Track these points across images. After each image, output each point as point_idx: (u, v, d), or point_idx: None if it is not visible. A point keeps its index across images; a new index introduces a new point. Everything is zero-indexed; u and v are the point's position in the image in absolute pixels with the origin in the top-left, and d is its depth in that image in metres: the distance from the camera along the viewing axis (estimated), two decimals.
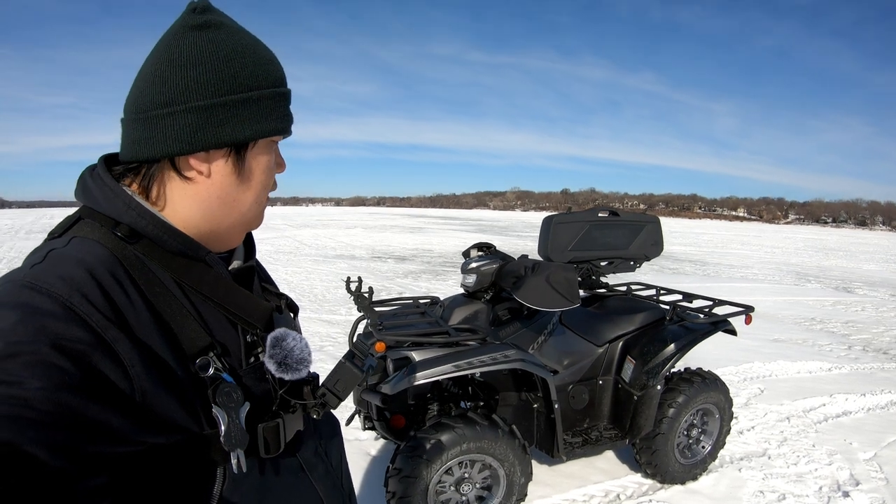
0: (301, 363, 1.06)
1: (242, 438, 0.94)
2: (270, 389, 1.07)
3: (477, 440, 3.04)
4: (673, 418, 3.83)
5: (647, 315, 4.03)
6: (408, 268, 16.84)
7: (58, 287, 0.81)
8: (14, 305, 0.78)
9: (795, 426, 5.31)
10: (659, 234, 4.49)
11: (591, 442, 3.71)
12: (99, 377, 0.78)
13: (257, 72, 1.00)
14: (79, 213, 1.00)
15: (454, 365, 2.90)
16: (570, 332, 4.02)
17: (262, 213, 1.12)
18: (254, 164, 1.03)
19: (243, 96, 0.97)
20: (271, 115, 1.01)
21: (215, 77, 0.95)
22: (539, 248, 4.09)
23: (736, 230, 64.99)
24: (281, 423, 1.05)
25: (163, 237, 0.96)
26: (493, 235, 33.60)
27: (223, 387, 0.94)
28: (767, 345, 8.35)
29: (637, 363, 3.75)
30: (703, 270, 18.62)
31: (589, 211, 4.21)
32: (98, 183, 0.99)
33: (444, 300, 4.14)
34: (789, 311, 11.51)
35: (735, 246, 32.87)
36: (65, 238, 0.94)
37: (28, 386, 0.71)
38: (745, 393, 6.08)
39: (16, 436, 0.67)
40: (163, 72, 0.95)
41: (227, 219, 1.04)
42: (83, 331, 0.79)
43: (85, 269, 0.86)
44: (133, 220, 0.95)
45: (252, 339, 1.06)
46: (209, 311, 1.00)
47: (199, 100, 0.94)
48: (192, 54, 0.95)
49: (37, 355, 0.73)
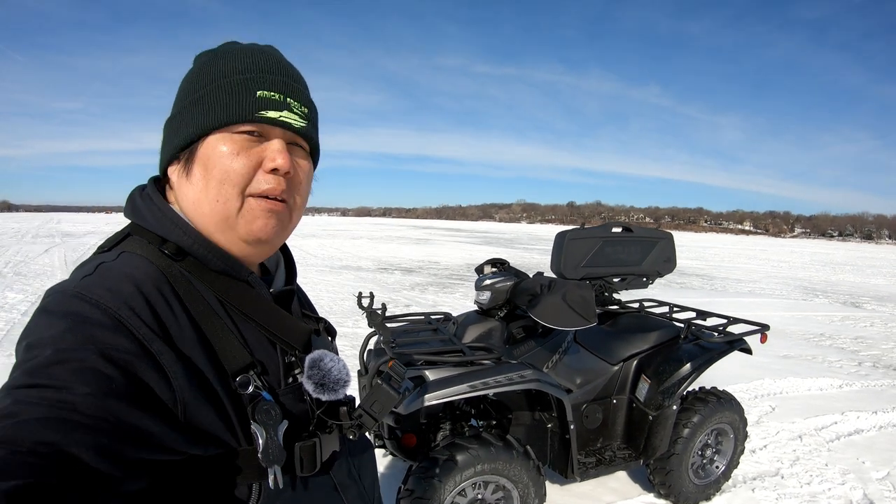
0: (338, 384, 1.07)
1: (280, 455, 0.95)
2: (308, 409, 1.08)
3: (491, 461, 2.99)
4: (688, 438, 3.78)
5: (662, 333, 3.99)
6: (415, 280, 16.83)
7: (106, 299, 0.84)
8: (64, 314, 0.82)
9: (808, 445, 5.26)
10: (672, 250, 4.46)
11: (604, 462, 3.66)
12: (143, 386, 0.81)
13: (207, 72, 1.03)
14: (128, 228, 1.04)
15: (469, 385, 2.85)
16: (585, 350, 3.98)
17: (240, 213, 1.01)
18: (202, 159, 1.00)
19: (192, 98, 1.02)
20: (215, 108, 0.99)
21: (179, 92, 1.05)
22: (552, 264, 4.05)
23: (742, 244, 64.99)
24: (318, 442, 1.06)
25: (206, 256, 1.00)
26: (499, 248, 33.64)
27: (262, 404, 0.95)
28: (777, 361, 8.31)
29: (652, 382, 3.71)
30: (710, 285, 18.60)
31: (602, 227, 4.17)
32: (147, 202, 1.03)
33: (457, 317, 4.10)
34: (798, 326, 11.48)
35: (742, 260, 32.90)
36: (114, 252, 0.98)
37: (75, 391, 0.73)
38: (756, 411, 6.04)
39: (62, 437, 0.69)
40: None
41: (200, 221, 1.02)
42: (129, 341, 0.82)
43: (133, 284, 0.89)
44: (179, 238, 0.99)
45: (291, 359, 1.08)
46: (250, 331, 1.03)
47: (169, 117, 1.06)
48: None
49: (84, 362, 0.76)
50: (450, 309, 11.18)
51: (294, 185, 1.06)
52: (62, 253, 22.22)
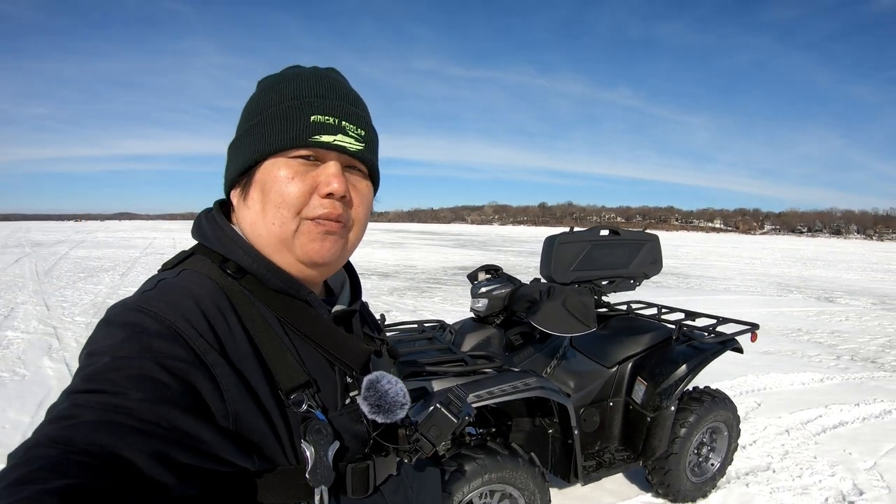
0: (396, 406, 1.06)
1: (328, 475, 0.95)
2: (364, 431, 1.07)
3: (498, 470, 2.98)
4: (685, 438, 3.83)
5: (655, 335, 4.03)
6: (392, 284, 16.80)
7: (164, 311, 0.87)
8: (123, 325, 0.85)
9: (795, 439, 5.36)
10: (658, 252, 4.51)
11: (604, 465, 3.69)
12: (196, 395, 0.83)
13: (265, 97, 1.05)
14: (192, 248, 1.07)
15: (475, 395, 2.82)
16: (581, 354, 4.01)
17: (296, 235, 1.02)
18: (260, 183, 1.02)
19: (249, 125, 1.05)
20: (271, 133, 1.01)
21: (241, 116, 1.08)
22: (542, 268, 4.07)
23: (713, 242, 65.58)
24: (371, 465, 1.06)
25: (266, 275, 1.02)
26: (472, 250, 33.68)
27: (314, 423, 0.96)
28: (759, 357, 8.41)
29: (649, 384, 3.74)
30: (685, 283, 18.80)
31: (590, 230, 4.20)
32: (211, 223, 1.07)
33: (453, 325, 4.10)
34: (774, 322, 11.64)
35: (714, 258, 33.21)
36: (176, 270, 1.02)
37: (131, 397, 0.76)
38: (742, 407, 6.09)
39: (116, 441, 0.71)
40: None
41: (259, 243, 1.04)
42: (185, 351, 0.84)
43: (191, 298, 0.92)
44: (240, 257, 1.02)
45: (349, 380, 1.08)
46: (307, 350, 1.04)
47: (231, 141, 1.09)
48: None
49: (141, 370, 0.79)
50: (431, 313, 11.15)
51: (350, 206, 1.07)
52: (33, 263, 21.95)
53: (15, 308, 11.50)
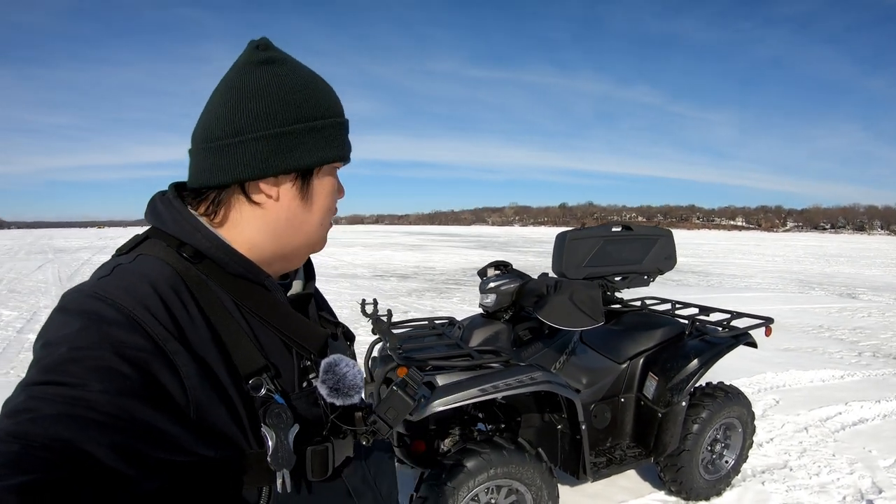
0: (353, 389, 1.08)
1: (289, 459, 0.96)
2: (322, 414, 1.09)
3: (504, 465, 2.97)
4: (697, 434, 3.77)
5: (667, 330, 3.98)
6: (411, 286, 16.81)
7: (122, 298, 0.85)
8: (80, 313, 0.83)
9: (814, 436, 5.27)
10: (672, 247, 4.46)
11: (615, 461, 3.65)
12: (157, 385, 0.82)
13: (319, 102, 1.06)
14: (147, 232, 1.06)
15: (479, 389, 2.83)
16: (591, 350, 3.97)
17: (325, 236, 1.17)
18: (318, 188, 1.08)
19: (308, 125, 1.03)
20: (333, 143, 1.07)
21: (282, 108, 1.01)
22: (553, 265, 4.03)
23: (735, 240, 65.16)
24: (330, 447, 1.07)
25: (224, 259, 1.01)
26: (493, 251, 33.64)
27: (273, 407, 0.96)
28: (778, 354, 8.30)
29: (660, 380, 3.69)
30: (706, 281, 18.61)
31: (602, 226, 4.17)
32: (167, 206, 1.05)
33: (462, 321, 4.09)
34: (796, 319, 11.49)
35: (736, 256, 32.95)
36: (132, 255, 1.00)
37: (90, 388, 0.74)
38: (760, 404, 6.04)
39: (76, 434, 0.71)
40: (232, 104, 1.01)
41: (293, 241, 1.09)
42: (144, 340, 0.83)
43: (149, 284, 0.90)
44: (198, 241, 1.00)
45: (306, 364, 1.09)
46: (265, 334, 1.04)
47: (268, 129, 1.00)
48: (260, 87, 1.01)
49: (100, 360, 0.77)
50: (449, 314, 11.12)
51: None
52: (56, 269, 22.22)
53: (38, 312, 11.69)
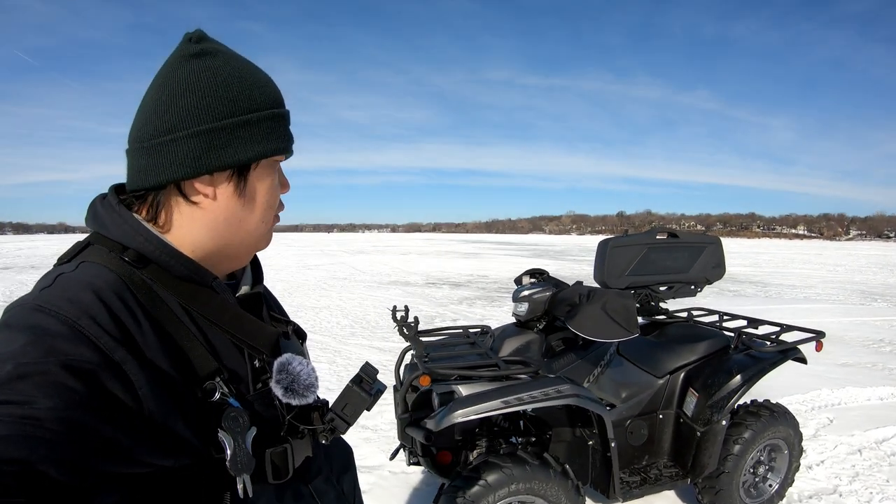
0: (308, 388, 1.07)
1: (249, 463, 0.94)
2: (279, 415, 1.08)
3: (526, 480, 2.86)
4: (739, 455, 3.58)
5: (711, 343, 3.79)
6: (462, 294, 16.79)
7: (66, 309, 0.82)
8: (23, 328, 0.80)
9: (868, 459, 4.99)
10: (721, 255, 4.27)
11: (650, 481, 3.50)
12: (108, 396, 0.79)
13: (254, 94, 1.02)
14: (88, 239, 1.02)
15: (502, 401, 2.75)
16: (629, 363, 3.81)
17: (269, 233, 1.13)
18: (257, 184, 1.05)
19: (242, 118, 1.00)
20: (271, 136, 1.03)
21: (214, 102, 0.98)
22: (595, 274, 3.92)
23: (796, 248, 64.03)
24: (289, 448, 1.06)
25: (170, 262, 0.99)
26: (548, 260, 33.56)
27: (229, 411, 0.94)
28: (835, 370, 7.99)
29: (700, 396, 3.52)
30: (764, 292, 18.20)
31: (646, 233, 4.02)
32: (108, 210, 1.02)
33: (494, 329, 4.00)
34: (856, 332, 11.07)
35: (796, 265, 32.30)
36: (74, 263, 0.96)
37: (39, 405, 0.72)
38: (812, 423, 5.77)
39: (28, 454, 0.68)
40: (163, 101, 0.98)
41: (234, 239, 1.06)
42: (92, 351, 0.80)
43: (93, 292, 0.87)
44: (141, 245, 0.98)
45: (259, 364, 1.07)
46: (216, 337, 1.02)
47: (199, 125, 0.97)
48: (191, 82, 0.98)
49: (47, 375, 0.74)
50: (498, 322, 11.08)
51: None
52: None
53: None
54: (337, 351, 8.86)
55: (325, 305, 13.99)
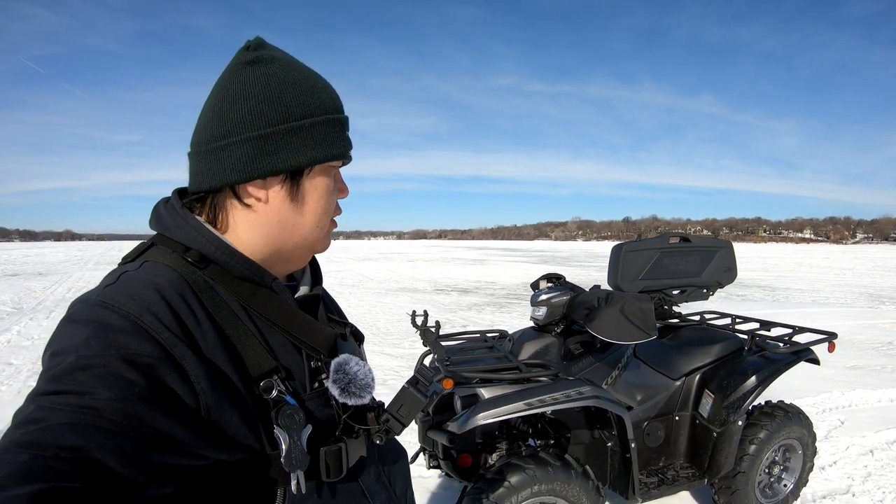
0: (364, 389, 1.09)
1: (303, 460, 0.96)
2: (334, 414, 1.09)
3: (548, 482, 2.89)
4: (754, 456, 3.62)
5: (725, 346, 3.84)
6: (471, 300, 16.78)
7: (128, 305, 0.86)
8: (87, 322, 0.83)
9: (880, 460, 5.02)
10: (732, 259, 4.31)
11: (667, 482, 3.53)
12: (166, 390, 0.82)
13: (309, 100, 1.04)
14: (152, 239, 1.06)
15: (525, 403, 2.78)
16: (645, 365, 3.85)
17: (326, 237, 1.15)
18: (310, 188, 1.06)
19: (296, 124, 1.02)
20: (325, 142, 1.05)
21: (267, 108, 1.00)
22: (609, 278, 3.94)
23: (803, 252, 63.80)
24: (343, 447, 1.07)
25: (230, 262, 1.01)
26: (555, 266, 33.47)
27: (286, 409, 0.96)
28: (845, 372, 8.02)
29: (716, 397, 3.56)
30: (772, 296, 18.14)
31: (659, 238, 4.06)
32: (171, 212, 1.05)
33: (512, 334, 4.04)
34: (865, 335, 11.09)
35: (804, 269, 32.18)
36: (137, 262, 1.00)
37: (98, 396, 0.75)
38: (824, 425, 5.80)
39: (85, 442, 0.70)
40: (219, 107, 1.01)
41: (288, 242, 1.08)
42: (152, 346, 0.83)
43: (155, 290, 0.90)
44: (202, 245, 1.00)
45: (316, 364, 1.09)
46: (274, 336, 1.04)
47: (252, 130, 0.99)
48: (245, 88, 1.01)
49: (107, 368, 0.77)
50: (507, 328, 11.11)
51: None
52: None
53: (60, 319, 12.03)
54: None
55: None
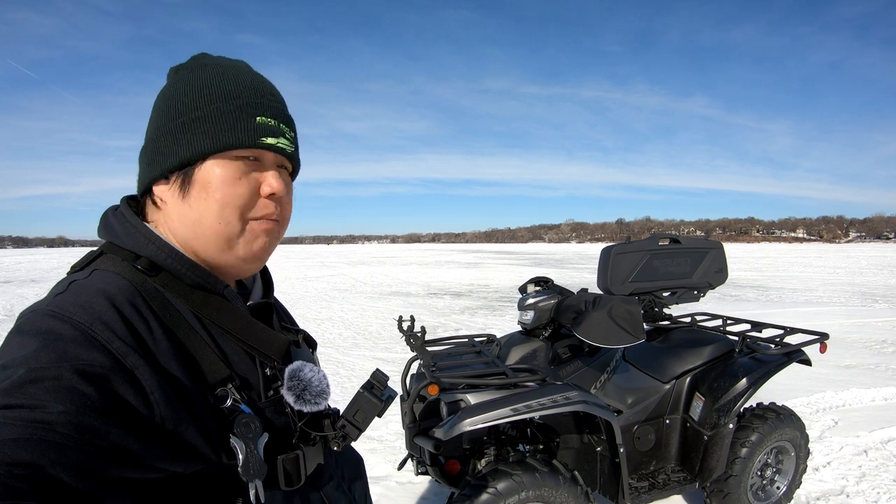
0: (319, 395, 1.09)
1: (261, 469, 0.94)
2: (290, 422, 1.09)
3: (536, 487, 2.86)
4: (746, 458, 3.59)
5: (715, 348, 3.81)
6: (464, 304, 16.79)
7: (79, 315, 0.84)
8: (36, 333, 0.81)
9: (874, 460, 5.00)
10: (723, 260, 4.28)
11: (658, 486, 3.49)
12: (119, 401, 0.80)
13: (205, 92, 1.03)
14: (101, 248, 1.04)
15: (511, 408, 2.75)
16: (635, 368, 3.81)
17: (244, 237, 1.05)
18: (202, 181, 1.01)
19: (185, 119, 1.01)
20: (216, 131, 1.01)
21: (168, 109, 1.03)
22: (598, 281, 3.92)
23: (796, 252, 64.10)
24: (301, 455, 1.07)
25: (181, 270, 1.01)
26: (549, 269, 33.52)
27: (241, 417, 0.95)
28: (838, 372, 8.04)
29: (706, 400, 3.52)
30: (765, 296, 18.22)
31: (649, 239, 4.02)
32: (119, 220, 1.04)
33: (500, 338, 4.01)
34: (858, 334, 11.12)
35: (797, 268, 32.37)
36: (87, 270, 0.98)
37: (50, 410, 0.72)
38: (818, 425, 5.78)
39: (38, 457, 0.68)
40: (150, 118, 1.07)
41: (196, 242, 1.04)
42: (104, 356, 0.81)
43: (105, 299, 0.88)
44: (152, 253, 1.00)
45: (271, 372, 1.08)
46: (228, 344, 1.03)
47: (152, 133, 1.04)
48: (159, 97, 1.06)
49: (58, 380, 0.75)
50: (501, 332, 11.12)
51: (282, 204, 1.10)
52: None
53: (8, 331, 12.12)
54: (340, 362, 8.87)
55: (326, 317, 13.99)
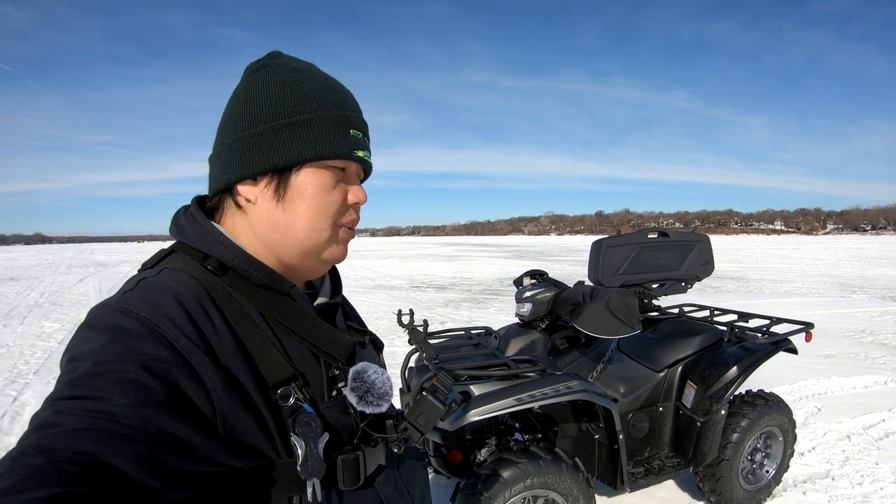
0: (382, 397, 1.08)
1: (319, 468, 0.96)
2: (352, 422, 1.09)
3: (540, 475, 2.94)
4: (737, 443, 3.71)
5: (705, 337, 3.91)
6: (448, 296, 16.79)
7: (146, 311, 0.86)
8: (104, 328, 0.84)
9: (857, 444, 5.15)
10: (709, 252, 4.39)
11: (653, 471, 3.59)
12: (182, 396, 0.82)
13: (304, 98, 1.03)
14: (172, 247, 1.06)
15: (516, 398, 2.81)
16: (629, 358, 3.91)
17: (333, 243, 1.10)
18: (298, 187, 1.03)
19: (283, 122, 1.01)
20: (318, 139, 1.02)
21: (259, 108, 1.02)
22: (589, 274, 4.01)
23: (774, 244, 64.38)
24: (361, 455, 1.07)
25: (248, 270, 1.02)
26: (529, 261, 33.53)
27: (302, 416, 0.96)
28: (819, 360, 8.18)
29: (698, 388, 3.63)
30: (745, 287, 18.37)
31: (638, 233, 4.12)
32: (189, 220, 1.06)
33: (498, 330, 4.07)
34: (837, 324, 11.30)
35: (775, 260, 32.56)
36: (157, 269, 1.00)
37: (114, 402, 0.75)
38: (802, 412, 5.93)
39: (100, 448, 0.70)
40: (224, 114, 1.07)
41: (281, 245, 1.06)
42: (168, 352, 0.83)
43: (172, 296, 0.91)
44: (221, 253, 1.01)
45: (335, 372, 1.09)
46: (292, 344, 1.03)
47: (244, 130, 1.02)
48: (244, 92, 1.05)
49: (123, 373, 0.77)
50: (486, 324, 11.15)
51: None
52: (97, 282, 22.65)
53: (79, 324, 11.87)
54: None
55: None
